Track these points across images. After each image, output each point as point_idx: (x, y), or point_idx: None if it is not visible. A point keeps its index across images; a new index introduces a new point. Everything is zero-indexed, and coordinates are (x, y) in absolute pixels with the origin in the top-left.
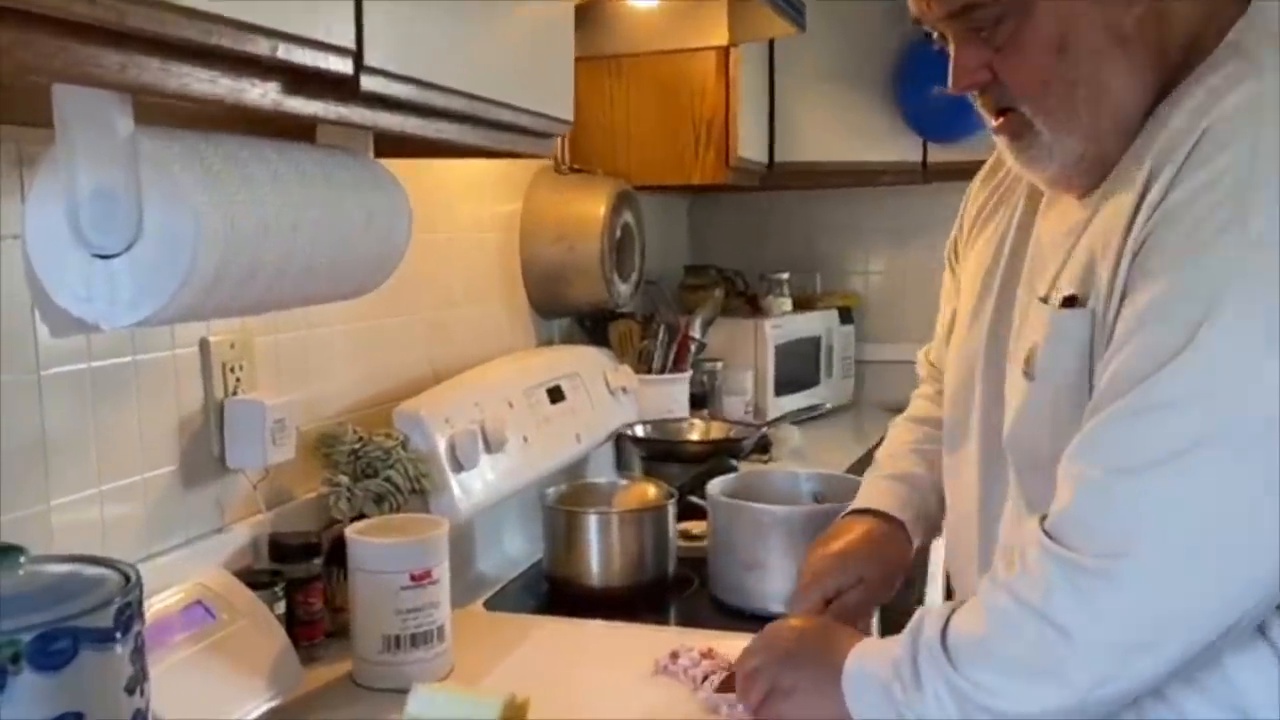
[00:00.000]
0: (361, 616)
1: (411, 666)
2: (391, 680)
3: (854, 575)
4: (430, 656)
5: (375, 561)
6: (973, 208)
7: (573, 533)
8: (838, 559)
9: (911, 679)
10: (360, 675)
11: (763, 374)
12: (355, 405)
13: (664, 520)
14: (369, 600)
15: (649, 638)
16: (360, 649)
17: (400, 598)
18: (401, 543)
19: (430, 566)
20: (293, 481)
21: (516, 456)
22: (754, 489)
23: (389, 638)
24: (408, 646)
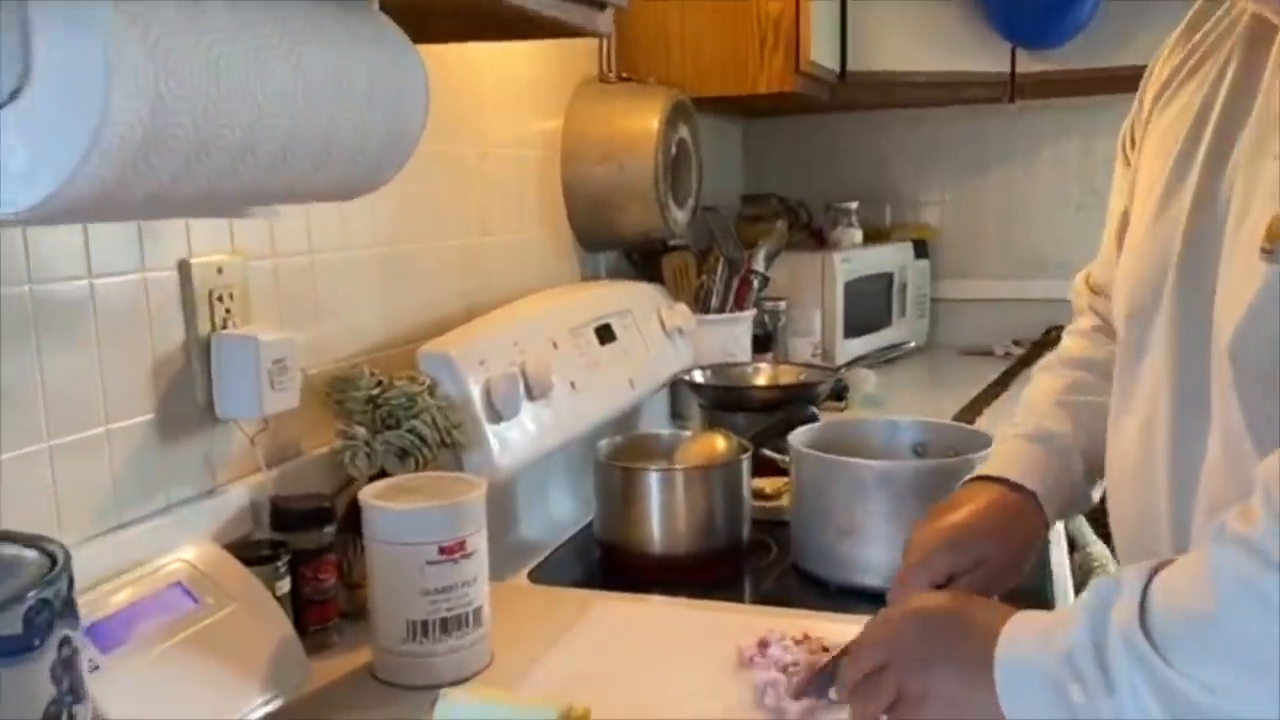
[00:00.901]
0: (381, 598)
1: (442, 658)
2: (418, 675)
3: (971, 556)
4: (465, 645)
5: (395, 531)
6: (1163, 71)
7: (630, 492)
8: (951, 536)
9: (1098, 678)
10: (381, 668)
11: (831, 313)
12: (374, 346)
13: (737, 477)
14: (389, 579)
15: (724, 619)
16: (380, 638)
17: (427, 575)
18: (427, 508)
19: (464, 536)
20: (300, 434)
21: (563, 404)
22: (842, 441)
23: (414, 624)
24: (437, 634)
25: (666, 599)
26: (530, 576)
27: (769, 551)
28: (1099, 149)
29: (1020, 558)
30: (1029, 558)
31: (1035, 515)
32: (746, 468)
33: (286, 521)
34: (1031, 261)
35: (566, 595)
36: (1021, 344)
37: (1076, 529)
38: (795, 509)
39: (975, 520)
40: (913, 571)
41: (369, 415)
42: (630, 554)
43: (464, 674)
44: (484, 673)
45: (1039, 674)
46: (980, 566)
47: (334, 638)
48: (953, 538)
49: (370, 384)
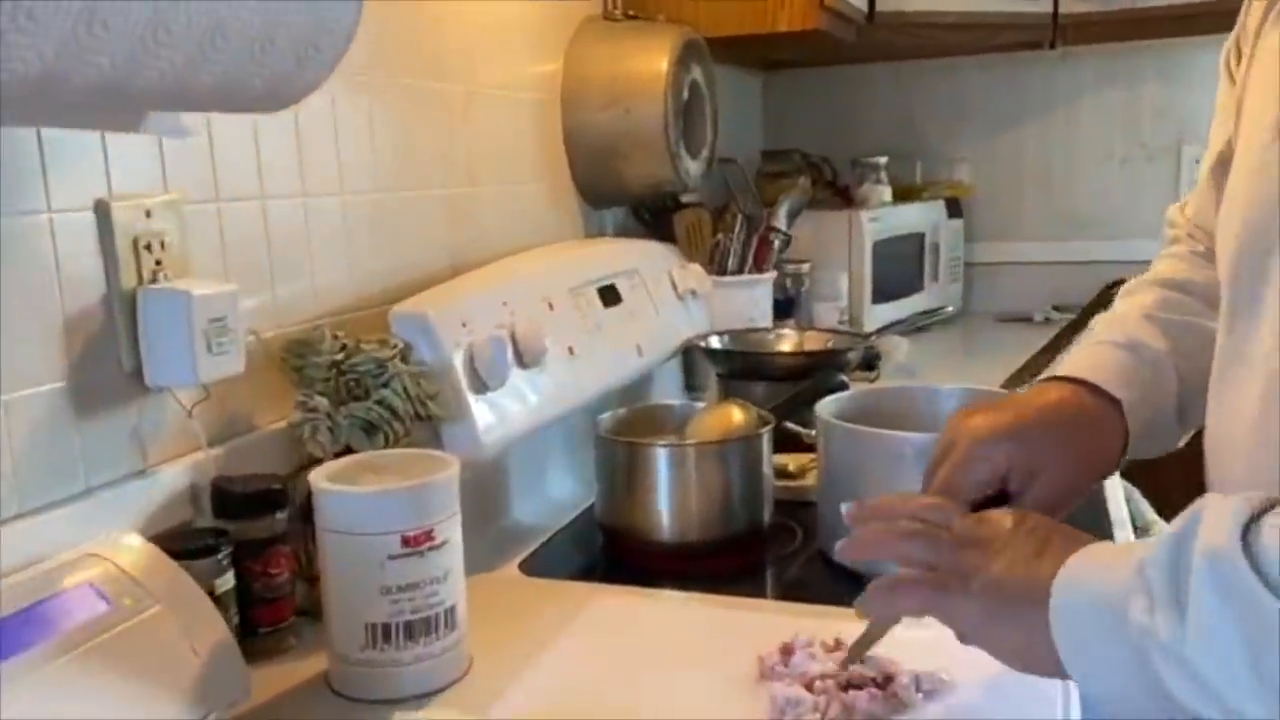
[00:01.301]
0: (335, 598)
1: (407, 669)
2: (378, 687)
3: (1034, 459)
4: (435, 652)
5: (350, 518)
6: None
7: (635, 471)
8: (1010, 430)
9: (1166, 592)
10: (337, 679)
11: (859, 276)
12: (340, 308)
13: (757, 453)
14: (343, 575)
15: (743, 618)
16: (336, 643)
17: (388, 570)
18: (387, 491)
19: (431, 524)
20: (251, 407)
21: (560, 373)
22: (877, 411)
23: (373, 628)
24: (400, 640)
25: (676, 593)
26: (522, 567)
27: (793, 537)
28: (1145, 97)
29: (1083, 479)
30: (1092, 483)
31: (1113, 431)
32: (767, 442)
33: (230, 507)
34: (1073, 221)
35: (562, 589)
36: (1064, 309)
37: (1135, 507)
38: (823, 489)
39: (1042, 417)
40: (959, 470)
41: (332, 384)
42: (636, 541)
43: (433, 686)
44: (458, 684)
45: (1101, 590)
46: (1037, 479)
47: (289, 641)
48: (1012, 432)
49: (333, 348)
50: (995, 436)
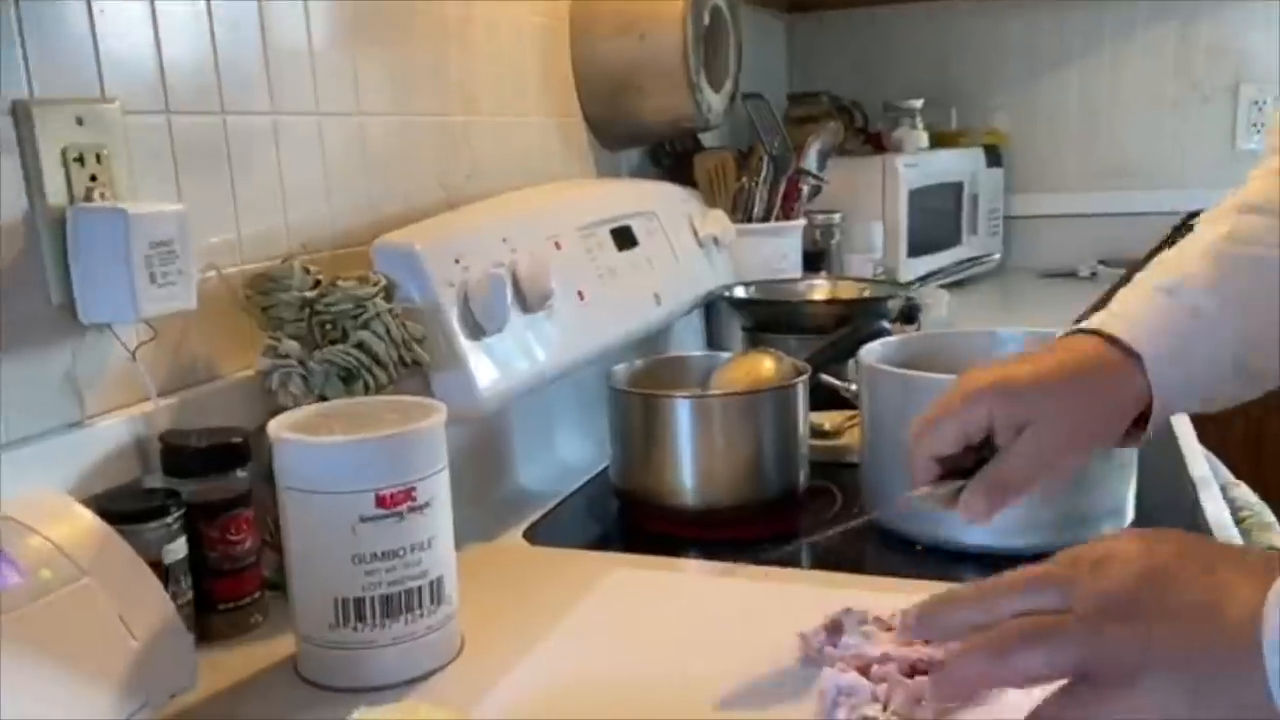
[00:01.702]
0: (299, 567)
1: (385, 651)
2: (349, 673)
3: (1018, 412)
4: (418, 632)
5: (314, 474)
6: None
7: (654, 427)
8: (999, 383)
9: None
10: (304, 663)
11: (894, 226)
12: (316, 243)
13: (792, 405)
14: (308, 541)
15: (781, 591)
16: (302, 621)
17: (360, 535)
18: (358, 441)
19: (411, 481)
20: (210, 352)
21: (568, 319)
22: (927, 360)
23: (344, 603)
24: (376, 617)
25: (702, 563)
26: (527, 536)
27: (831, 502)
28: (1200, 35)
29: (1085, 432)
30: (1101, 437)
31: (1130, 384)
32: (803, 393)
33: (183, 464)
34: (1120, 170)
35: (573, 560)
36: (1111, 264)
37: (1214, 467)
38: (868, 446)
39: (1041, 371)
40: (935, 420)
41: (304, 326)
42: (656, 506)
43: (414, 672)
44: (445, 670)
45: None
46: (1026, 430)
47: (253, 618)
48: (1001, 386)
49: (305, 284)
50: (981, 389)
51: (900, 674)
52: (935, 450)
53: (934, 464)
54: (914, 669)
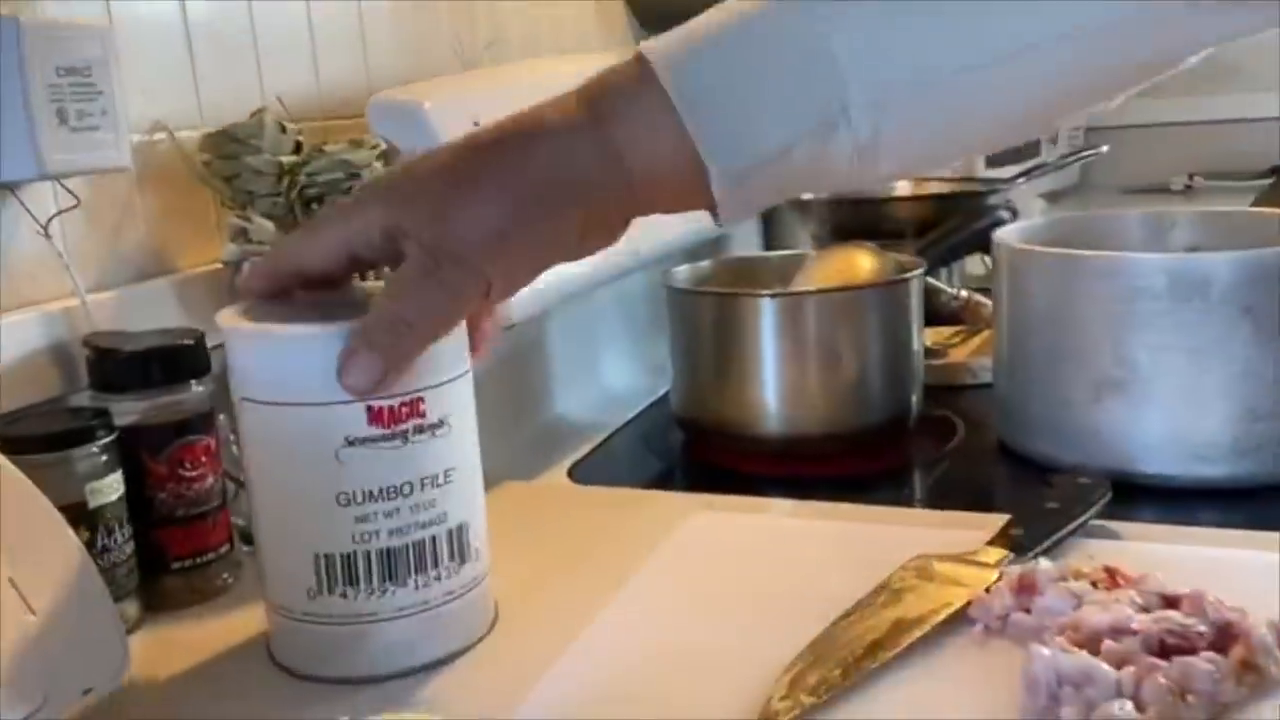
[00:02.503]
0: (266, 512)
1: (387, 626)
2: (335, 657)
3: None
4: (432, 600)
5: (279, 378)
6: None
7: (730, 337)
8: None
9: None
10: (278, 644)
11: None
12: (302, 112)
13: (903, 307)
14: (276, 475)
15: (917, 537)
16: (271, 587)
17: (346, 466)
18: (339, 332)
19: (419, 389)
20: (162, 234)
21: None
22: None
23: (326, 561)
24: (374, 581)
25: (803, 503)
26: (572, 474)
27: (951, 431)
28: None
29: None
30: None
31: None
32: (918, 293)
33: (115, 375)
34: (1216, 72)
35: (632, 502)
36: (1214, 176)
37: None
38: (1005, 358)
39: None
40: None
41: (281, 200)
42: (731, 437)
43: (430, 656)
44: (475, 651)
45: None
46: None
47: (219, 579)
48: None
49: (281, 145)
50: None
51: (1147, 652)
52: (299, 261)
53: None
54: (1164, 645)
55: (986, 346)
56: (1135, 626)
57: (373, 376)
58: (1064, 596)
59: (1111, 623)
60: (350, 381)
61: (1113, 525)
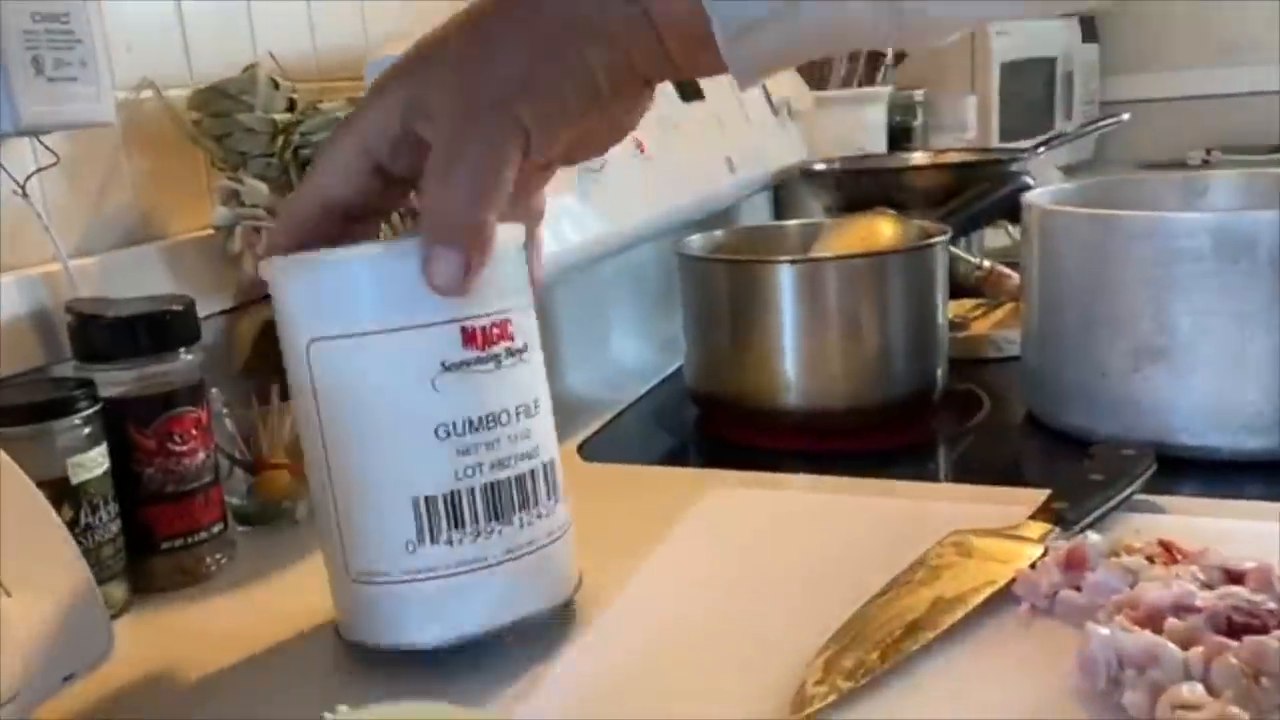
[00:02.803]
0: (343, 466)
1: (497, 572)
2: (443, 616)
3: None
4: (538, 538)
5: (359, 306)
6: None
7: (747, 306)
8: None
9: None
10: (363, 618)
11: (985, 101)
12: (296, 72)
13: (929, 275)
14: (360, 417)
15: (947, 513)
16: (356, 554)
17: (444, 394)
18: (410, 241)
19: (507, 309)
20: (150, 197)
21: (626, 176)
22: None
23: (429, 505)
24: (479, 524)
25: (819, 479)
26: (582, 452)
27: (976, 405)
28: None
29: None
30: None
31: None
32: (943, 260)
33: (98, 343)
34: (1236, 43)
35: (645, 479)
36: (1231, 150)
37: None
38: (1035, 327)
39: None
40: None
41: (275, 161)
42: (748, 412)
43: (536, 605)
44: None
45: None
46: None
47: (212, 560)
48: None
49: (275, 103)
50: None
51: (1214, 631)
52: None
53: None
54: (1231, 624)
55: (1009, 319)
56: (1199, 604)
57: (458, 264)
58: (1117, 572)
59: (1174, 599)
60: (439, 280)
61: (1157, 499)
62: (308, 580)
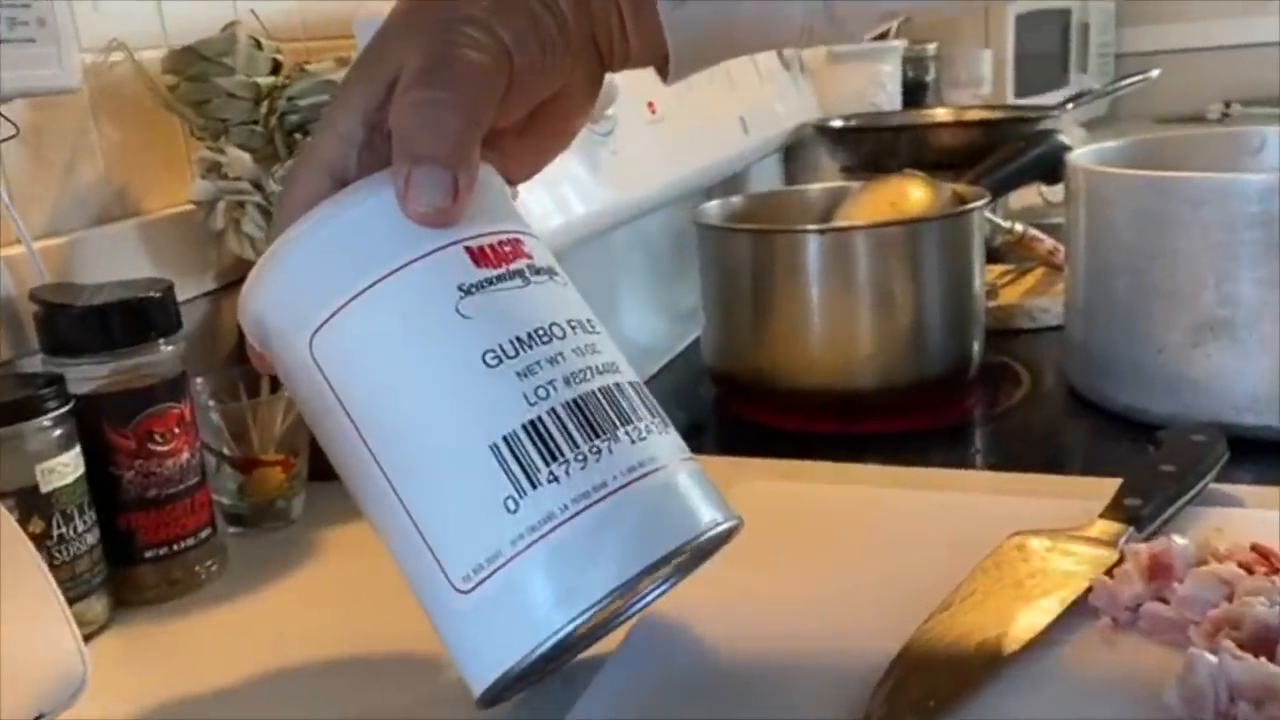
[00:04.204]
0: (404, 452)
1: (632, 493)
2: (603, 564)
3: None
4: (660, 457)
5: (354, 261)
6: None
7: (768, 278)
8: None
9: None
10: (486, 642)
11: (1000, 55)
12: (288, 29)
13: (965, 242)
14: (402, 380)
15: (995, 507)
16: (451, 554)
17: (476, 317)
18: (382, 173)
19: (512, 229)
20: (123, 172)
21: (636, 140)
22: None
23: (509, 446)
24: (578, 444)
25: (853, 467)
26: None
27: (1014, 381)
28: None
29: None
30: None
31: None
32: (980, 227)
33: (69, 334)
34: None
35: None
36: (1252, 103)
37: None
38: (1081, 293)
39: None
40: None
41: (258, 127)
42: (770, 391)
43: (688, 534)
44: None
45: None
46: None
47: (202, 567)
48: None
49: (257, 65)
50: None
51: None
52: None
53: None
54: None
55: (1040, 286)
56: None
57: (440, 183)
58: (1210, 583)
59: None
60: (422, 204)
61: (1231, 489)
62: (306, 586)
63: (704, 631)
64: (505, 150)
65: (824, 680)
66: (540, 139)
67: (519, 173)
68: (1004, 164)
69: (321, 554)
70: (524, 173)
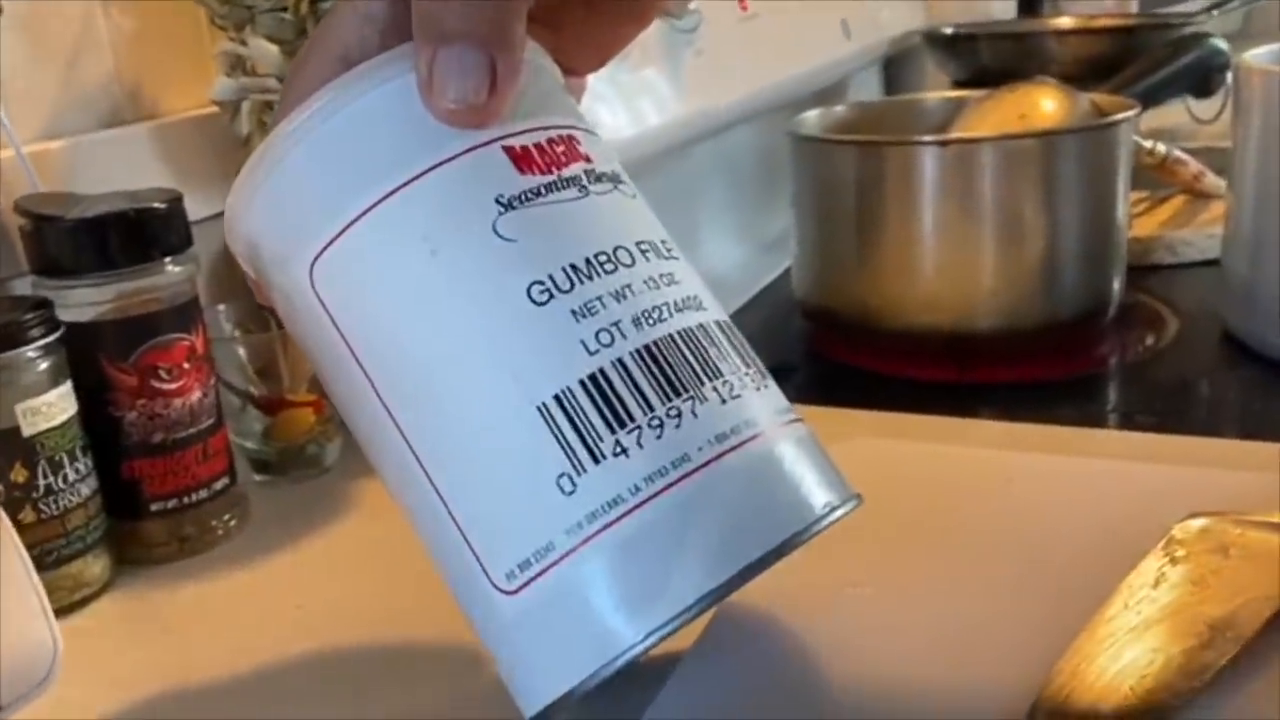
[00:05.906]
0: (417, 411)
1: (719, 469)
2: (689, 563)
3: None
4: (760, 422)
5: (359, 169)
6: None
7: (876, 203)
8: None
9: None
10: (533, 656)
11: None
12: None
13: (1110, 161)
14: (408, 309)
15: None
16: (491, 544)
17: (521, 244)
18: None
19: (566, 122)
20: (135, 69)
21: (723, 39)
22: None
23: (562, 408)
24: (651, 405)
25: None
26: None
27: (1158, 325)
28: None
29: None
30: None
31: None
32: (1128, 145)
33: (59, 252)
34: None
35: None
36: None
37: None
38: (1247, 222)
39: None
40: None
41: (288, 16)
42: (874, 331)
43: (813, 506)
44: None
45: None
46: None
47: (220, 522)
48: None
49: None
50: None
51: None
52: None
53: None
54: None
55: (1180, 215)
56: None
57: (473, 69)
58: None
59: None
60: (450, 96)
61: None
62: (335, 548)
63: (799, 624)
64: (564, 29)
65: (949, 703)
66: (610, 16)
67: (583, 60)
68: (1147, 74)
69: (355, 509)
70: (589, 60)
